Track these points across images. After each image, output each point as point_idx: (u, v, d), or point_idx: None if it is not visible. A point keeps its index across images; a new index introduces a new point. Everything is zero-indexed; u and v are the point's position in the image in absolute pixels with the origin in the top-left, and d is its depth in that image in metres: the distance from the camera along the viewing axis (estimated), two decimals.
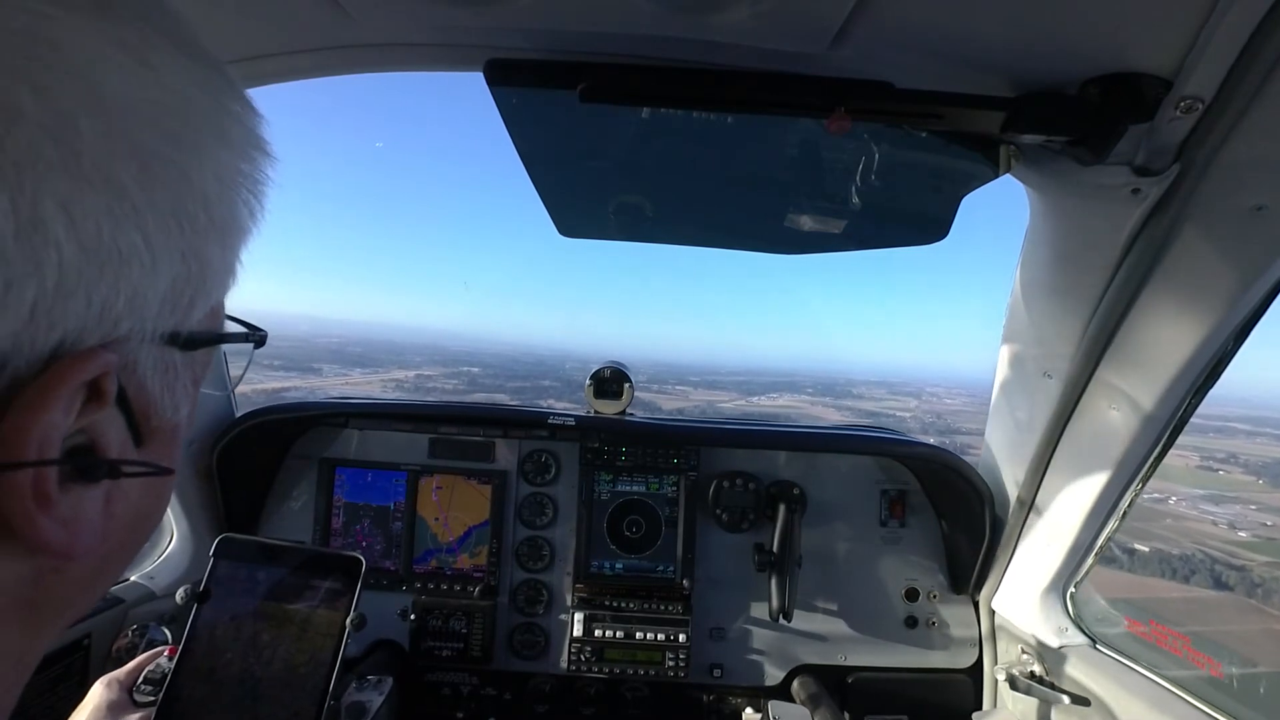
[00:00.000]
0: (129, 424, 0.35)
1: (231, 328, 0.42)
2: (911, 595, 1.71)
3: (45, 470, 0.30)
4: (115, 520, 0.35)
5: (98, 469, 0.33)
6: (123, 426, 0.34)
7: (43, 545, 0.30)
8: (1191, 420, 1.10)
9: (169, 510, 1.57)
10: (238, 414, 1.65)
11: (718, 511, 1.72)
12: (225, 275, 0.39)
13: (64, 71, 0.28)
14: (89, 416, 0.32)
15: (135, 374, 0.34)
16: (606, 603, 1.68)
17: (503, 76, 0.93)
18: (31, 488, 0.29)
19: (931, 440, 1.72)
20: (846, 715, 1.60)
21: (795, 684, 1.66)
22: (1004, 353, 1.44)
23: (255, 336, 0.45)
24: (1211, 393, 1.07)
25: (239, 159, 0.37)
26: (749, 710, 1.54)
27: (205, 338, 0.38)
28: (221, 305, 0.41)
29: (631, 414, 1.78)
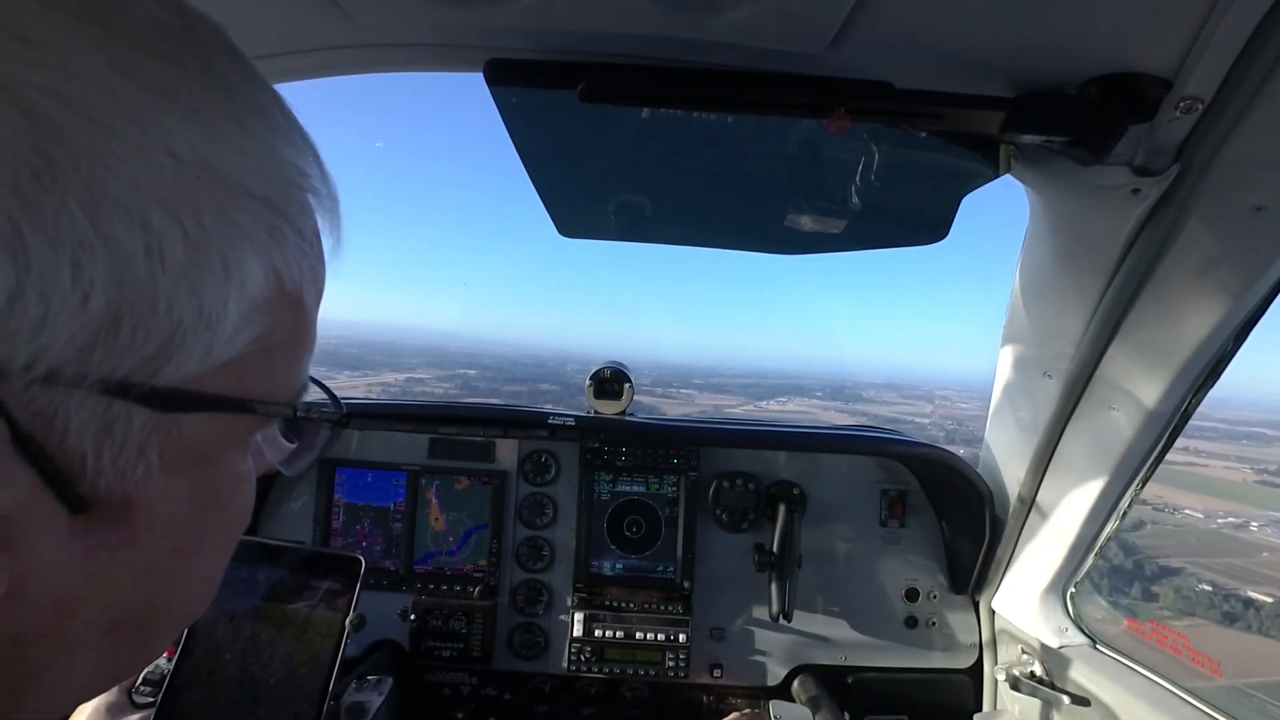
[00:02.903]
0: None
1: None
2: (912, 595, 1.71)
3: None
4: None
5: None
6: None
7: None
8: (1220, 427, 1.11)
9: None
10: None
11: (718, 511, 1.72)
12: None
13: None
14: None
15: None
16: (606, 603, 1.68)
17: (502, 76, 0.93)
18: None
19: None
20: (847, 715, 1.60)
21: (795, 684, 1.66)
22: (1004, 353, 1.44)
23: None
24: (1225, 398, 1.07)
25: None
26: (749, 710, 1.54)
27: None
28: None
29: (631, 414, 1.78)
